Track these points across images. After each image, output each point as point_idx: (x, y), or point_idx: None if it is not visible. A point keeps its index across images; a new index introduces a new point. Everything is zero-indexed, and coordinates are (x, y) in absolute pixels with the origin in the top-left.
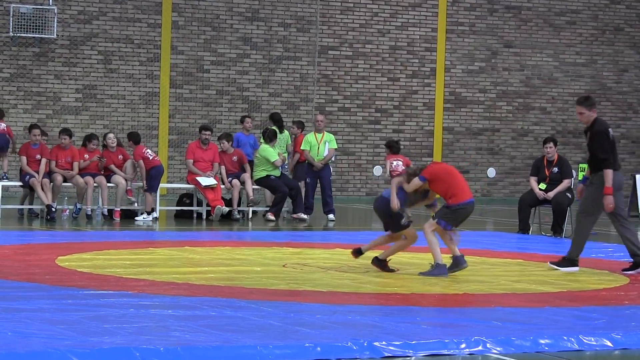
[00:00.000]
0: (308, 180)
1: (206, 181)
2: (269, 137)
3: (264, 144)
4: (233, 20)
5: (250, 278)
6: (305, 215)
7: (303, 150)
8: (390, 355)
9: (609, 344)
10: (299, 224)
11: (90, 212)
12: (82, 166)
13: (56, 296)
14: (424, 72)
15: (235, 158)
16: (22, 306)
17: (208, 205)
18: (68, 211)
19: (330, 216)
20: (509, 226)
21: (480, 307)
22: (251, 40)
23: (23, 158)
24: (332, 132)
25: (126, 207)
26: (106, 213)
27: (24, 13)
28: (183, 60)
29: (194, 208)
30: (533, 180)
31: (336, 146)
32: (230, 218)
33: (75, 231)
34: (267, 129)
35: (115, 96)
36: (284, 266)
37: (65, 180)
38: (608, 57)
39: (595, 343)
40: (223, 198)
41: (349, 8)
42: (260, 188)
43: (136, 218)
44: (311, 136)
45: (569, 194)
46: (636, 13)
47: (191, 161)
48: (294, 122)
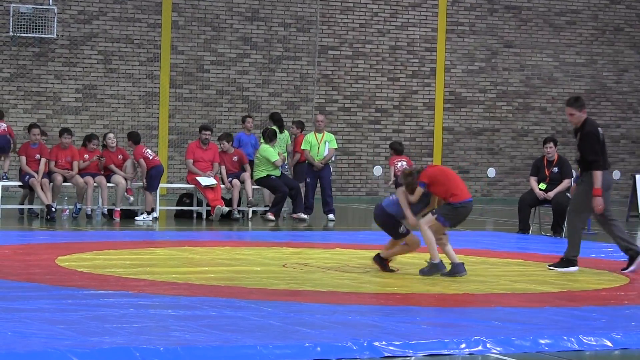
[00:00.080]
0: (308, 180)
1: (206, 181)
2: (269, 137)
3: (264, 144)
4: (233, 20)
5: (250, 278)
6: (305, 215)
7: (303, 150)
8: (390, 355)
9: (609, 344)
10: (299, 224)
11: (90, 212)
12: (82, 166)
13: (56, 296)
14: (424, 72)
15: (235, 158)
16: (22, 306)
17: (208, 205)
18: (68, 211)
19: (330, 216)
20: (509, 226)
21: (480, 307)
22: (251, 40)
23: (22, 158)
24: (332, 132)
25: (126, 207)
26: (106, 212)
27: (24, 13)
28: (183, 60)
29: (194, 208)
30: (533, 180)
31: (336, 146)
32: (230, 218)
33: (75, 231)
34: (267, 129)
35: (115, 96)
36: (284, 266)
37: (65, 180)
38: (608, 57)
39: (595, 343)
40: (223, 198)
41: (349, 8)
42: (259, 188)
43: (136, 218)
44: (311, 136)
45: (569, 194)
46: (636, 13)
47: (191, 161)
48: (294, 122)
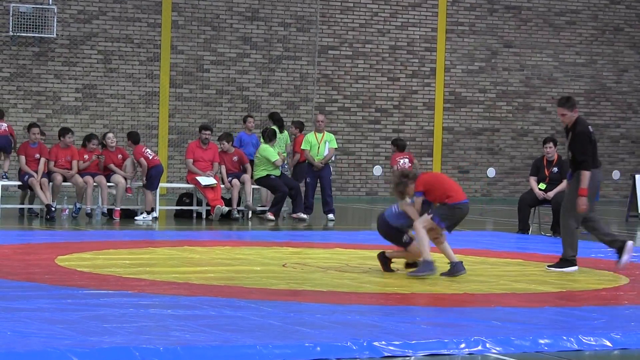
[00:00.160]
0: (308, 180)
1: (206, 181)
2: (269, 137)
3: (264, 144)
4: (233, 19)
5: (250, 278)
6: (304, 215)
7: (303, 150)
8: (389, 355)
9: (609, 344)
10: (299, 224)
11: (90, 212)
12: (83, 167)
13: (56, 296)
14: (424, 72)
15: (235, 158)
16: (22, 306)
17: (208, 204)
18: (67, 211)
19: (330, 216)
20: (509, 226)
21: (479, 307)
22: (251, 39)
23: (22, 157)
24: (332, 132)
25: (125, 207)
26: (105, 212)
27: (24, 12)
28: (183, 59)
29: (194, 208)
30: (533, 180)
31: (336, 146)
32: (229, 218)
33: (74, 231)
34: (267, 129)
35: (115, 96)
36: (284, 266)
37: (64, 179)
38: (608, 57)
39: (594, 343)
40: (223, 198)
41: (349, 8)
42: (258, 188)
43: (136, 218)
44: (311, 136)
45: None
46: (636, 13)
47: (191, 161)
48: (293, 122)
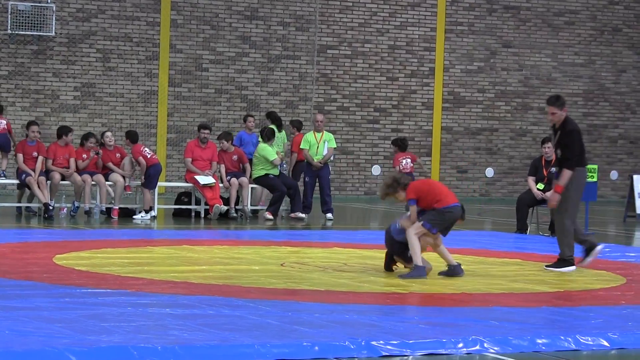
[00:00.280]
0: (307, 179)
1: (204, 180)
2: (267, 136)
3: (262, 143)
4: (232, 18)
5: (248, 277)
6: (303, 214)
7: (302, 149)
8: (387, 354)
9: (606, 344)
10: (297, 223)
11: (88, 210)
12: (82, 166)
13: (54, 294)
14: (423, 72)
15: (235, 157)
16: (20, 304)
17: (206, 204)
18: (66, 209)
19: (328, 215)
20: (507, 226)
21: (477, 307)
22: (250, 39)
23: (19, 156)
24: (331, 132)
25: (124, 206)
26: (104, 211)
27: (23, 10)
28: (182, 58)
29: (192, 207)
30: (531, 180)
31: (335, 145)
32: (228, 217)
33: (73, 229)
34: (266, 128)
35: (113, 94)
36: (282, 265)
37: (63, 178)
38: (606, 58)
39: (592, 343)
40: (221, 197)
41: (348, 7)
42: (253, 187)
43: (134, 216)
44: (310, 135)
45: None
46: (634, 14)
47: (190, 160)
48: (291, 122)
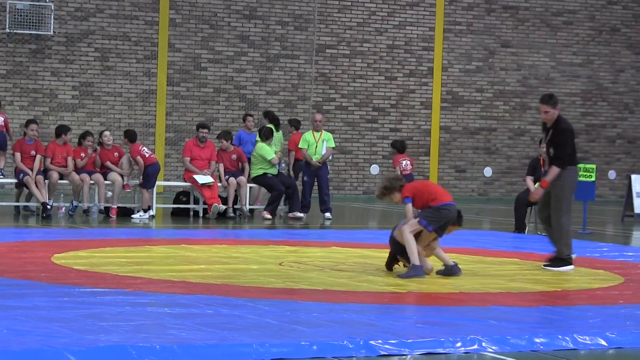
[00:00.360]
0: (305, 178)
1: (203, 179)
2: (265, 136)
3: (260, 142)
4: (231, 18)
5: (246, 276)
6: (301, 213)
7: (301, 148)
8: (386, 353)
9: (604, 343)
10: (296, 223)
11: (86, 209)
12: (81, 165)
13: (52, 294)
14: (421, 71)
15: (234, 156)
16: (18, 304)
17: (205, 203)
18: (64, 208)
19: (327, 215)
20: (505, 225)
21: (476, 306)
22: (249, 38)
23: (17, 154)
24: (329, 131)
25: (122, 205)
26: (102, 210)
27: (21, 9)
28: (180, 57)
29: (191, 206)
30: (529, 179)
31: (334, 145)
32: (226, 216)
33: (71, 229)
34: (264, 127)
35: (112, 93)
36: (281, 264)
37: (61, 177)
38: (604, 58)
39: (590, 342)
40: (220, 196)
41: (347, 6)
42: (251, 187)
43: (132, 216)
44: (309, 135)
45: None
46: (632, 14)
47: (188, 159)
48: (289, 121)
